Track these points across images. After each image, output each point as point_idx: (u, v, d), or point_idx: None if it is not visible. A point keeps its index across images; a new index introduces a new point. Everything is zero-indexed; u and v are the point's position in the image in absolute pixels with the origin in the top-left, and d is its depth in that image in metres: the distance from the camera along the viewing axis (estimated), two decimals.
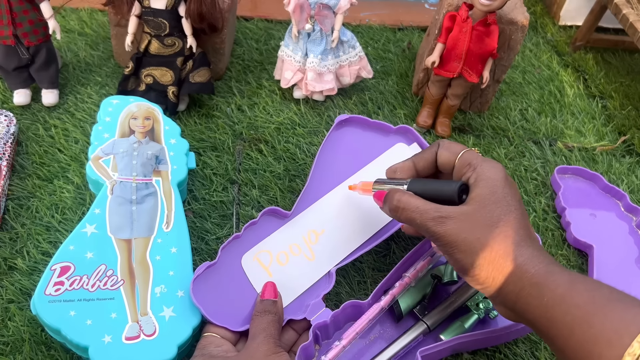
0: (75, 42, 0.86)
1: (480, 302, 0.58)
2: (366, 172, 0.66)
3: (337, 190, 0.64)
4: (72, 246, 0.54)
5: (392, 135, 0.68)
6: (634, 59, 1.04)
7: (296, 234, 0.60)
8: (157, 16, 0.71)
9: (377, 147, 0.67)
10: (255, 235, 0.59)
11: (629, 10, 0.89)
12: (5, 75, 0.73)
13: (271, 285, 0.54)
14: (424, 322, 0.56)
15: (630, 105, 0.93)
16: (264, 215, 0.60)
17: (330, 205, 0.63)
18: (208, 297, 0.54)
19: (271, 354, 0.48)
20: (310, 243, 0.60)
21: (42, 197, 0.65)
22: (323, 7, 0.74)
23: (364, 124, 0.69)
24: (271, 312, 0.52)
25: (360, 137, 0.68)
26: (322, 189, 0.63)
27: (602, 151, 0.84)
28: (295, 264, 0.58)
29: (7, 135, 0.67)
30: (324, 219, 0.62)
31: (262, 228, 0.59)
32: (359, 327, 0.54)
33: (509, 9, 0.76)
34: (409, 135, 0.68)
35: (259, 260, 0.58)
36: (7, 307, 0.55)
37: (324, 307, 0.55)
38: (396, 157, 0.64)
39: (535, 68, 0.97)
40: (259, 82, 0.85)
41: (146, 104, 0.68)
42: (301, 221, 0.61)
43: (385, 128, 0.68)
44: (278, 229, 0.60)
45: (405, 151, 0.67)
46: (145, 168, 0.62)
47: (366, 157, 0.67)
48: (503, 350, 0.58)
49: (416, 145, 0.68)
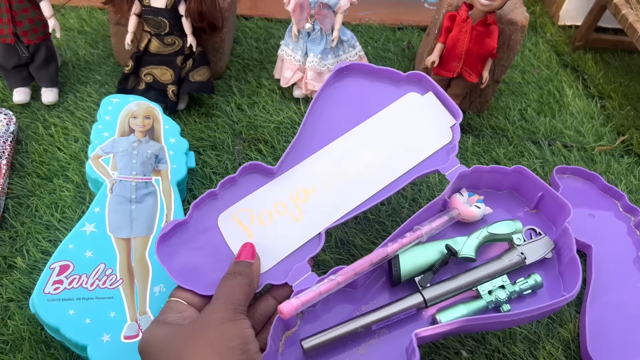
0: (75, 40, 0.86)
1: (494, 290, 0.51)
2: (370, 125, 0.57)
3: (334, 146, 0.57)
4: (71, 245, 0.54)
5: (403, 84, 0.59)
6: (633, 59, 1.04)
7: (283, 192, 0.54)
8: (157, 15, 0.71)
9: (385, 98, 0.59)
10: (234, 194, 0.53)
11: (628, 11, 0.89)
12: (5, 73, 0.73)
13: (249, 246, 0.50)
14: (421, 295, 0.51)
15: (629, 106, 0.93)
16: (244, 171, 0.53)
17: (325, 162, 0.56)
18: (176, 258, 0.49)
19: (227, 321, 0.42)
20: (298, 202, 0.54)
21: (41, 196, 0.65)
22: (323, 6, 0.74)
23: (369, 72, 0.59)
24: (242, 275, 0.47)
25: (364, 88, 0.59)
26: (314, 144, 0.56)
27: (600, 151, 0.84)
28: (280, 225, 0.52)
29: (6, 134, 0.67)
30: (316, 176, 0.55)
31: (243, 186, 0.53)
32: (358, 266, 0.49)
33: (508, 9, 0.76)
34: (423, 84, 0.59)
35: (237, 220, 0.52)
36: (7, 305, 0.55)
37: (309, 270, 0.50)
38: (407, 109, 0.58)
39: (535, 68, 0.98)
40: (259, 81, 0.85)
41: (146, 103, 0.68)
42: (289, 178, 0.54)
43: (394, 76, 0.59)
44: (261, 186, 0.54)
45: (418, 102, 0.58)
46: (144, 167, 0.62)
47: (371, 109, 0.58)
48: (502, 349, 0.59)
49: (431, 94, 0.59)
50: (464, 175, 0.56)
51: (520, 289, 0.52)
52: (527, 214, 0.58)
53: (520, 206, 0.58)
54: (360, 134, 0.57)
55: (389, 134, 0.58)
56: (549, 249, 0.54)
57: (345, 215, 0.54)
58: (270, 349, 0.46)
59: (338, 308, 0.52)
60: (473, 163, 0.77)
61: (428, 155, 0.57)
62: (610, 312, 0.62)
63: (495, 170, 0.57)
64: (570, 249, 0.51)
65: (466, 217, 0.55)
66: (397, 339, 0.50)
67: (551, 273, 0.54)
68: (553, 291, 0.53)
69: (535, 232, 0.55)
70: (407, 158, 0.57)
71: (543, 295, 0.53)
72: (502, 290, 0.51)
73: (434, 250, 0.53)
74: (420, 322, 0.51)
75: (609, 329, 0.60)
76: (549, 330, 0.61)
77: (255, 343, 0.43)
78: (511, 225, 0.54)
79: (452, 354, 0.58)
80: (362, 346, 0.50)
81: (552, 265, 0.54)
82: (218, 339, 0.41)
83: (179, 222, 0.50)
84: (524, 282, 0.52)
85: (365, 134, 0.58)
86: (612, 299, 0.63)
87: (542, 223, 0.57)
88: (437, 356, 0.57)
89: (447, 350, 0.58)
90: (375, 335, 0.50)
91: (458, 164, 0.56)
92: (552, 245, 0.54)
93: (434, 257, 0.52)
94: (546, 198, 0.56)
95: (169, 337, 0.43)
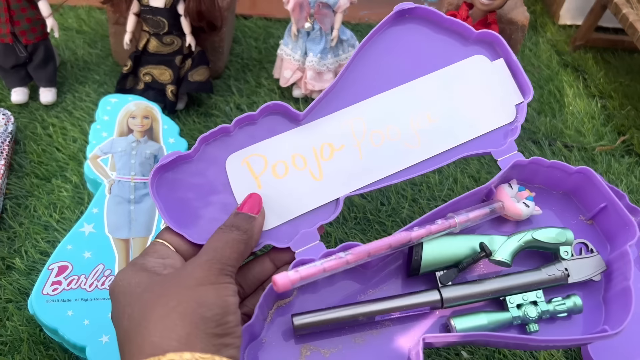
0: (74, 40, 0.86)
1: (524, 304, 0.45)
2: (423, 84, 0.50)
3: (372, 102, 0.49)
4: (69, 245, 0.54)
5: (472, 44, 0.51)
6: (634, 58, 1.04)
7: (305, 144, 0.47)
8: (156, 14, 0.71)
9: (448, 55, 0.51)
10: (250, 135, 0.46)
11: (629, 10, 0.89)
12: (3, 73, 0.73)
13: (255, 198, 0.43)
14: (439, 292, 0.44)
15: (630, 105, 0.93)
16: (265, 111, 0.46)
17: (361, 118, 0.48)
18: (171, 195, 0.43)
19: (207, 283, 0.36)
20: (321, 158, 0.47)
21: (40, 196, 0.65)
22: (322, 5, 0.74)
23: (434, 21, 0.51)
24: (240, 229, 0.40)
25: (425, 38, 0.51)
26: (353, 95, 0.49)
27: (601, 151, 0.84)
28: (295, 180, 0.46)
29: (4, 134, 0.66)
30: (347, 132, 0.48)
31: (262, 127, 0.46)
32: (373, 248, 0.42)
33: (508, 8, 0.76)
34: (495, 48, 0.51)
35: (248, 165, 0.46)
36: (6, 306, 0.55)
37: (317, 239, 0.44)
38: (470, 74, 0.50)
39: (535, 67, 0.97)
40: (258, 80, 0.84)
41: (145, 103, 0.68)
42: (316, 129, 0.47)
43: (465, 31, 0.51)
44: (282, 133, 0.47)
45: (485, 68, 0.51)
46: (143, 167, 0.62)
47: (428, 66, 0.50)
48: (502, 350, 0.58)
49: (502, 62, 0.51)
50: (519, 166, 0.48)
51: (555, 309, 0.45)
52: (581, 224, 0.50)
53: (575, 214, 0.51)
54: (409, 93, 0.49)
55: (442, 100, 0.50)
56: (598, 270, 0.47)
57: (372, 184, 0.47)
58: (256, 318, 0.41)
59: (342, 284, 0.46)
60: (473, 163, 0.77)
61: (483, 132, 0.50)
62: None
63: (557, 167, 0.49)
64: (625, 277, 0.44)
65: (510, 214, 0.48)
66: (401, 337, 0.44)
67: (594, 299, 0.47)
68: (591, 320, 0.46)
69: (586, 248, 0.48)
70: (457, 131, 0.49)
71: (578, 322, 0.46)
72: (534, 307, 0.45)
73: (465, 244, 0.46)
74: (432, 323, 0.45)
75: None
76: None
77: (237, 314, 0.36)
78: (561, 234, 0.47)
79: (452, 354, 0.57)
80: (359, 335, 0.44)
81: (598, 291, 0.47)
82: (192, 303, 0.34)
83: (182, 154, 0.43)
84: (560, 303, 0.45)
85: (414, 94, 0.50)
86: None
87: (596, 239, 0.49)
88: (437, 357, 0.57)
89: (447, 351, 0.58)
90: (377, 326, 0.45)
91: (515, 150, 0.49)
92: (604, 267, 0.47)
93: (464, 252, 0.45)
94: (609, 211, 0.48)
95: (139, 288, 0.36)
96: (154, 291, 0.36)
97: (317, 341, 0.44)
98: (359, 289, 0.46)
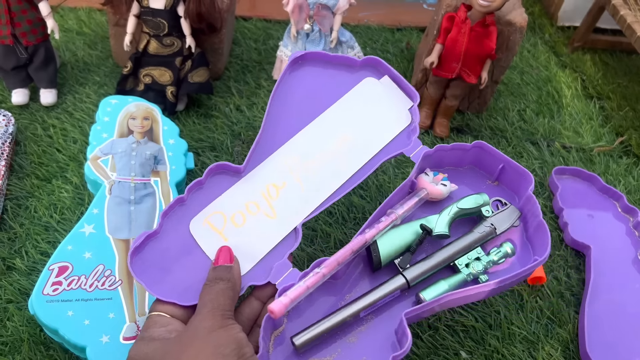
0: (74, 41, 0.86)
1: (470, 262, 0.53)
2: (330, 115, 0.58)
3: (298, 138, 0.56)
4: (70, 246, 0.54)
5: (359, 70, 0.60)
6: (632, 60, 1.04)
7: (253, 191, 0.53)
8: (156, 16, 0.71)
9: (343, 85, 0.59)
10: (203, 198, 0.51)
11: (627, 12, 0.89)
12: (4, 74, 0.73)
13: (226, 250, 0.48)
14: (403, 276, 0.51)
15: (628, 106, 0.93)
16: (210, 173, 0.52)
17: (292, 155, 0.55)
18: (151, 271, 0.47)
19: (217, 328, 0.41)
20: (270, 199, 0.53)
21: (40, 197, 0.65)
22: (322, 7, 0.74)
23: (324, 60, 0.60)
24: (223, 279, 0.45)
25: (321, 76, 0.59)
26: (279, 138, 0.56)
27: (599, 152, 0.84)
28: (254, 224, 0.51)
29: (5, 135, 0.67)
30: (284, 170, 0.54)
31: (211, 188, 0.52)
32: (341, 256, 0.49)
33: (507, 9, 0.76)
34: (378, 68, 0.60)
35: (210, 224, 0.51)
36: (6, 307, 0.55)
37: (290, 267, 0.49)
38: (365, 95, 0.59)
39: (533, 69, 0.98)
40: (258, 82, 0.85)
41: (145, 104, 0.68)
42: (257, 176, 0.53)
43: (350, 62, 0.60)
44: (230, 187, 0.53)
45: (375, 86, 0.60)
46: (143, 168, 0.62)
47: (330, 98, 0.58)
48: (501, 350, 0.59)
49: (387, 78, 0.60)
50: (428, 156, 0.57)
51: (495, 258, 0.53)
52: (490, 186, 0.59)
53: (483, 180, 0.60)
54: (323, 124, 0.57)
55: (351, 121, 0.58)
56: (516, 217, 0.55)
57: (319, 207, 0.53)
58: (262, 350, 0.45)
59: (321, 301, 0.51)
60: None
61: (391, 139, 0.58)
62: (609, 313, 0.62)
63: (457, 148, 0.58)
64: (535, 215, 0.53)
65: (434, 196, 0.56)
66: (386, 323, 0.50)
67: (520, 240, 0.56)
68: (524, 257, 0.54)
69: (501, 203, 0.57)
70: (371, 143, 0.57)
71: (515, 263, 0.55)
72: (479, 262, 0.53)
73: (409, 231, 0.54)
74: (405, 303, 0.52)
75: (607, 330, 0.60)
76: (548, 330, 0.61)
77: (250, 346, 0.41)
78: (478, 198, 0.55)
79: (451, 354, 0.58)
80: (351, 334, 0.50)
81: (521, 233, 0.56)
82: (211, 347, 0.39)
83: (149, 233, 0.48)
84: (497, 252, 0.53)
85: (327, 123, 0.57)
86: (610, 299, 0.63)
87: (505, 194, 0.58)
88: (436, 357, 0.57)
89: (447, 351, 0.58)
90: (364, 322, 0.51)
91: (420, 145, 0.57)
92: (519, 213, 0.56)
93: (410, 238, 0.53)
94: (507, 169, 0.57)
95: (158, 352, 0.41)
96: (174, 349, 0.40)
97: (318, 352, 0.48)
98: (337, 299, 0.52)
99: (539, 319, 0.62)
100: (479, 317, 0.61)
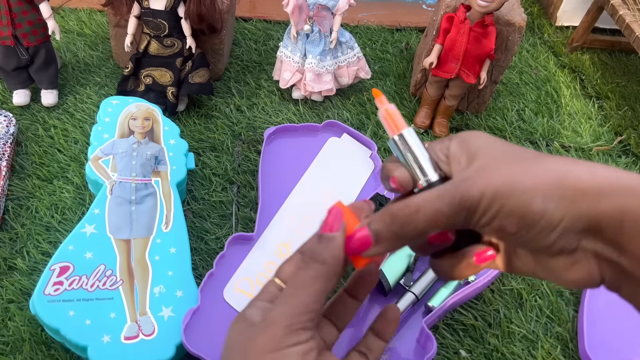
0: (75, 42, 0.86)
1: None
2: (310, 175, 0.68)
3: (291, 200, 0.66)
4: (71, 246, 0.54)
5: (321, 134, 0.72)
6: (630, 59, 1.05)
7: (268, 252, 0.61)
8: (157, 17, 0.72)
9: (312, 149, 0.71)
10: (228, 267, 0.59)
11: (626, 12, 0.89)
12: (5, 75, 0.74)
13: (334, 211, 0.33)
14: (412, 293, 0.58)
15: (627, 106, 0.93)
16: (230, 245, 0.60)
17: (290, 214, 0.64)
18: (204, 342, 0.52)
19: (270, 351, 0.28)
20: (284, 256, 0.59)
21: (41, 198, 0.65)
22: (321, 8, 0.74)
23: (291, 131, 0.72)
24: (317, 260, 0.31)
25: (292, 144, 0.71)
26: (276, 202, 0.65)
27: (598, 151, 0.84)
28: None
29: (6, 136, 0.67)
30: (288, 229, 0.63)
31: (233, 257, 0.59)
32: None
33: (506, 10, 0.77)
34: (336, 129, 0.73)
35: (241, 290, 0.58)
36: (7, 307, 0.55)
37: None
38: (332, 152, 0.70)
39: (532, 69, 0.98)
40: (258, 82, 0.85)
41: (145, 105, 0.68)
42: (268, 238, 0.62)
43: (312, 128, 0.72)
44: (248, 253, 0.60)
45: (338, 144, 0.72)
46: (144, 168, 0.62)
47: (305, 161, 0.70)
48: (500, 349, 0.59)
49: (346, 135, 0.72)
50: None
51: None
52: None
53: None
54: (307, 184, 0.67)
55: (328, 177, 0.69)
56: None
57: None
58: None
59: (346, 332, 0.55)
60: None
61: (363, 184, 0.69)
62: (608, 312, 0.62)
63: None
64: None
65: None
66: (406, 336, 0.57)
67: None
68: None
69: None
70: (350, 191, 0.68)
71: None
72: None
73: (403, 254, 0.61)
74: (417, 315, 0.58)
75: (607, 328, 0.61)
76: (547, 329, 0.62)
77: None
78: None
79: (451, 353, 0.58)
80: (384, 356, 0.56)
81: None
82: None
83: (193, 310, 0.53)
84: None
85: (310, 183, 0.67)
86: (610, 298, 0.63)
87: None
88: (436, 355, 0.58)
89: (446, 350, 0.58)
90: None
91: None
92: None
93: (406, 259, 0.60)
94: None
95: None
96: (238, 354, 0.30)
97: None
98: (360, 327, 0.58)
99: (539, 317, 0.62)
100: (478, 315, 0.61)
